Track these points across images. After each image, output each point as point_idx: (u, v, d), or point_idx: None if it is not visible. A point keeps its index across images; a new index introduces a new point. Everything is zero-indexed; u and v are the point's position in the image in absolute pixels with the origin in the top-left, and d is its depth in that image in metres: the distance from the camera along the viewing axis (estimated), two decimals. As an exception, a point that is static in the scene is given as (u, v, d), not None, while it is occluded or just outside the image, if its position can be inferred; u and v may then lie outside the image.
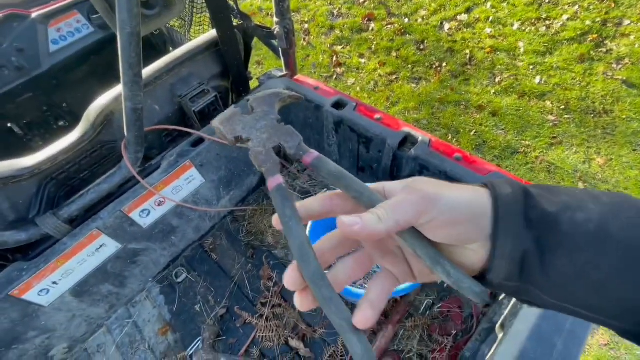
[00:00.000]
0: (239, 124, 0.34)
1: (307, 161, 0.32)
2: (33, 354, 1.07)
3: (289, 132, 0.34)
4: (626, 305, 0.25)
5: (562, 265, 0.26)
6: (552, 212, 0.26)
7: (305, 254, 0.28)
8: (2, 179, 0.95)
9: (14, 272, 0.95)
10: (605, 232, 0.25)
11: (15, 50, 1.62)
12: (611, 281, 0.25)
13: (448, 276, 0.27)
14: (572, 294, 0.26)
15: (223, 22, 1.18)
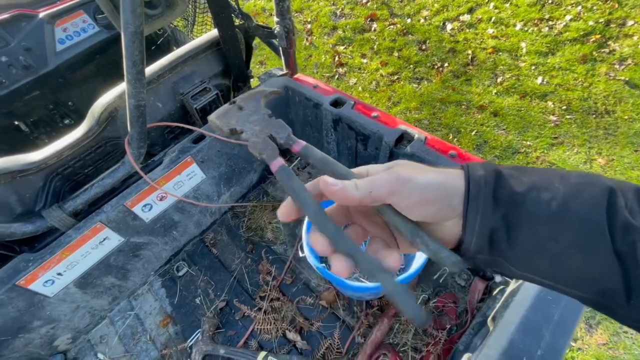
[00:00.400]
0: (233, 117, 0.38)
1: (296, 150, 0.35)
2: (38, 343, 1.11)
3: (279, 125, 0.37)
4: (582, 275, 0.27)
5: (525, 240, 0.28)
6: (520, 191, 0.28)
7: (321, 219, 0.31)
8: (10, 173, 0.99)
9: (21, 262, 0.99)
10: (565, 209, 0.27)
11: (23, 49, 1.66)
12: (568, 253, 0.27)
13: (426, 247, 0.30)
14: (535, 265, 0.29)
15: (224, 21, 1.21)
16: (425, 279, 1.19)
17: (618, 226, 0.26)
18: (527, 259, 0.29)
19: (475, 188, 0.29)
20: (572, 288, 0.28)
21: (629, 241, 0.25)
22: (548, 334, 0.68)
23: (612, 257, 0.26)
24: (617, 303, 0.27)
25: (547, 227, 0.27)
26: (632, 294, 0.25)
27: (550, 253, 0.27)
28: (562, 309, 0.71)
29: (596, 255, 0.26)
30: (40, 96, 1.83)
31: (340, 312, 1.15)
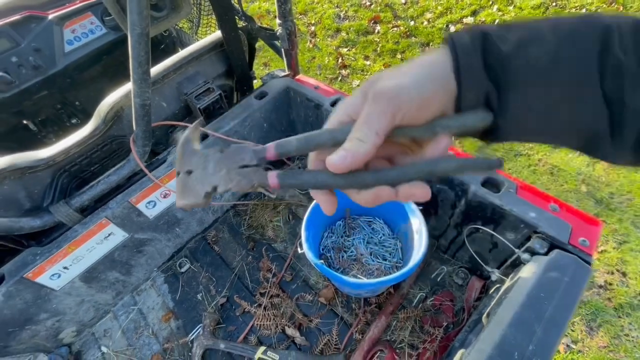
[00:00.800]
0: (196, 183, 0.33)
1: (270, 155, 0.32)
2: (44, 335, 1.14)
3: (236, 151, 0.33)
4: (571, 126, 0.27)
5: (514, 102, 0.27)
6: (507, 52, 0.27)
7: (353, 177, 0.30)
8: (20, 169, 1.02)
9: (29, 256, 1.02)
10: (557, 63, 0.26)
11: (33, 50, 1.70)
12: (558, 108, 0.27)
13: (450, 128, 0.29)
14: (525, 126, 0.29)
15: (228, 23, 1.24)
16: (423, 277, 1.20)
17: (609, 68, 0.25)
18: (517, 121, 0.28)
19: (464, 56, 0.28)
20: (562, 140, 0.29)
21: (618, 82, 0.25)
22: (540, 330, 0.69)
23: (601, 101, 0.25)
24: (603, 144, 0.27)
25: (537, 84, 0.27)
26: (615, 133, 0.26)
27: (541, 110, 0.27)
28: (555, 306, 0.72)
29: (585, 101, 0.26)
30: (48, 96, 1.88)
31: (338, 309, 1.17)
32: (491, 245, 1.02)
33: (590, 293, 1.82)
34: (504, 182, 0.92)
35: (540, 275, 0.76)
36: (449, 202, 1.07)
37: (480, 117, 0.28)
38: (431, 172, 0.29)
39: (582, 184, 2.17)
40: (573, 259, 0.77)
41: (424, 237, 0.94)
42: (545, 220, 0.84)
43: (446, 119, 0.29)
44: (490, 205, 0.92)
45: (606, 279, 1.84)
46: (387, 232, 1.23)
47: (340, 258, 1.18)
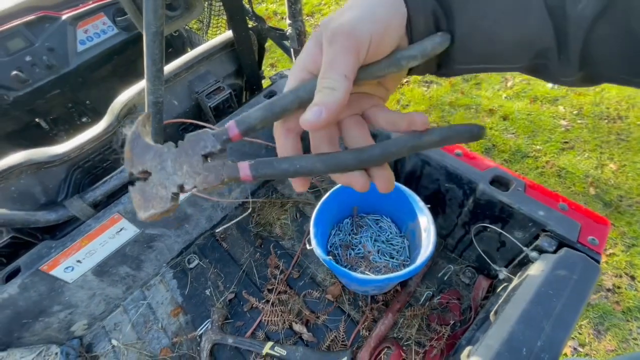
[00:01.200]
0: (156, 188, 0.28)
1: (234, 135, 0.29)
2: (56, 327, 1.16)
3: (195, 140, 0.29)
4: (517, 43, 0.27)
5: (459, 25, 0.27)
6: None
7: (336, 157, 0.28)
8: (36, 164, 1.05)
9: (44, 249, 1.04)
10: None
11: (47, 49, 1.74)
12: (500, 27, 0.26)
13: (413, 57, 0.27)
14: (472, 51, 0.28)
15: (239, 23, 1.26)
16: (430, 275, 1.21)
17: None
18: (463, 47, 0.28)
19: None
20: (509, 62, 0.28)
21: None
22: (548, 327, 0.69)
23: (544, 14, 0.25)
24: (551, 62, 0.27)
25: (477, 2, 0.26)
26: (562, 48, 0.26)
27: (485, 31, 0.27)
28: (563, 304, 0.72)
29: (529, 16, 0.25)
30: (60, 94, 1.91)
31: (345, 306, 1.18)
32: (499, 244, 1.02)
33: (597, 296, 1.80)
34: (513, 181, 0.93)
35: (549, 273, 0.76)
36: (456, 201, 1.07)
37: (439, 40, 0.27)
38: (415, 146, 0.28)
39: (591, 187, 2.16)
40: (582, 257, 0.77)
41: (432, 235, 0.94)
42: (554, 218, 0.84)
43: (407, 49, 0.27)
44: (499, 204, 0.92)
45: (614, 282, 1.83)
46: (394, 230, 1.24)
47: (347, 255, 1.19)
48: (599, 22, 0.24)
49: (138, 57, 2.19)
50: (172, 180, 0.28)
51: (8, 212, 0.95)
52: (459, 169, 1.00)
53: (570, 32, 0.25)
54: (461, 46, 0.28)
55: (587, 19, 0.24)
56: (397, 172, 1.22)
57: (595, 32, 0.24)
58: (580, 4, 0.24)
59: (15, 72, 1.64)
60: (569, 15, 0.24)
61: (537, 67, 0.28)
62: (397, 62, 0.27)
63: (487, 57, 0.28)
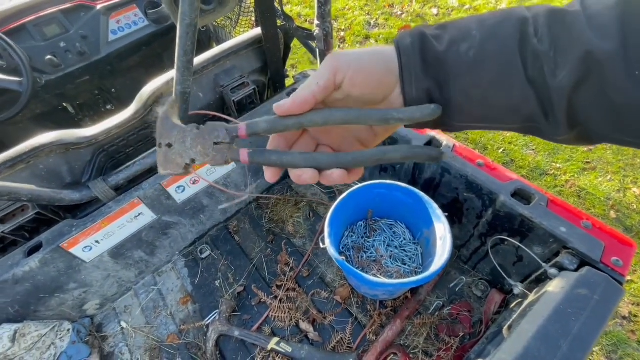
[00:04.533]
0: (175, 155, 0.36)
1: (242, 134, 0.35)
2: (70, 304, 1.19)
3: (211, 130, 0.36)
4: (506, 109, 0.30)
5: (454, 94, 0.31)
6: (442, 50, 0.31)
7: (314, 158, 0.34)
8: (65, 145, 1.08)
9: (66, 227, 1.07)
10: (482, 54, 0.29)
11: (80, 37, 1.80)
12: (490, 94, 0.30)
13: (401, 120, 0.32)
14: (468, 113, 0.32)
15: (268, 21, 1.28)
16: (441, 285, 1.19)
17: (529, 55, 0.28)
18: (460, 111, 0.32)
19: (405, 56, 0.31)
20: (503, 123, 0.32)
21: (538, 67, 0.27)
22: (565, 346, 0.67)
23: (526, 85, 0.28)
24: (540, 124, 0.30)
25: (468, 76, 0.30)
26: (548, 113, 0.28)
27: (476, 99, 0.30)
28: (583, 323, 0.70)
29: (513, 87, 0.29)
30: (89, 81, 1.97)
31: (353, 309, 1.17)
32: (516, 259, 1.00)
33: (612, 323, 1.74)
34: (535, 195, 0.91)
35: (569, 291, 0.74)
36: (475, 212, 1.06)
37: (430, 110, 0.31)
38: (380, 159, 0.34)
39: (612, 210, 2.10)
40: (604, 277, 0.75)
41: (448, 243, 0.93)
42: (577, 236, 0.82)
43: (396, 110, 0.32)
44: (519, 217, 0.90)
45: (631, 310, 1.77)
46: (408, 236, 1.23)
47: (359, 258, 1.19)
48: (579, 91, 0.26)
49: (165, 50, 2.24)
50: (187, 154, 0.36)
51: (36, 189, 0.98)
52: (480, 179, 0.98)
53: (553, 99, 0.27)
54: (458, 110, 0.32)
55: (566, 88, 0.26)
56: (414, 179, 1.22)
57: (577, 98, 0.26)
58: (558, 77, 0.26)
59: (50, 57, 1.70)
60: (549, 85, 0.27)
61: (531, 128, 0.31)
62: (385, 119, 0.33)
63: (482, 118, 0.32)
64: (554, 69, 0.27)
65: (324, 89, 0.32)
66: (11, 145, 1.02)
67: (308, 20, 3.93)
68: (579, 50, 0.25)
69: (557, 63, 0.26)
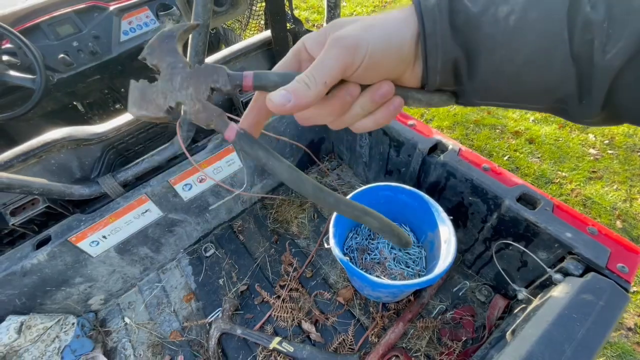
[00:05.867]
0: (157, 95, 0.29)
1: (248, 85, 0.30)
2: (76, 298, 1.20)
3: (211, 71, 0.30)
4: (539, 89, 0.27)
5: (483, 67, 0.27)
6: (476, 12, 0.26)
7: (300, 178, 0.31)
8: (76, 140, 1.10)
9: (74, 221, 1.09)
10: (525, 23, 0.25)
11: (92, 36, 1.84)
12: (525, 71, 0.26)
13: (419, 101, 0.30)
14: (494, 92, 0.28)
15: (278, 24, 1.30)
16: (445, 289, 1.19)
17: (578, 26, 0.24)
18: (485, 88, 0.28)
19: (430, 22, 0.26)
20: (529, 103, 0.28)
21: (587, 39, 0.24)
22: (570, 351, 0.67)
23: (569, 62, 0.25)
24: (570, 106, 0.27)
25: (504, 48, 0.26)
26: (584, 95, 0.25)
27: (508, 76, 0.27)
28: (588, 329, 0.70)
29: (553, 64, 0.25)
30: (99, 80, 2.01)
31: (356, 310, 1.17)
32: (520, 264, 1.00)
33: (617, 334, 1.72)
34: (541, 200, 0.91)
35: (574, 296, 0.74)
36: (479, 216, 1.06)
37: (446, 98, 0.30)
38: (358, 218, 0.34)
39: (617, 220, 2.08)
40: (610, 283, 0.75)
41: (453, 246, 0.93)
42: (582, 241, 0.82)
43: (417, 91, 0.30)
44: (524, 222, 0.90)
45: (636, 321, 1.74)
46: (413, 239, 1.23)
47: (363, 260, 1.19)
48: (626, 70, 0.23)
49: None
50: (173, 95, 0.28)
51: (47, 183, 1.00)
52: (485, 183, 0.99)
53: (595, 79, 0.24)
54: (483, 85, 0.28)
55: (615, 68, 0.23)
56: (420, 182, 1.22)
57: (621, 79, 0.24)
58: (607, 54, 0.23)
59: (62, 56, 1.74)
60: (596, 63, 0.24)
61: (557, 109, 0.28)
62: (404, 97, 0.30)
63: (508, 97, 0.29)
64: (604, 44, 0.23)
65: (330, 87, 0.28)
66: (22, 142, 1.05)
67: (316, 25, 3.97)
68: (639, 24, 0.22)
69: (609, 36, 0.23)
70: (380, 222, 0.33)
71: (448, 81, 0.29)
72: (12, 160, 1.00)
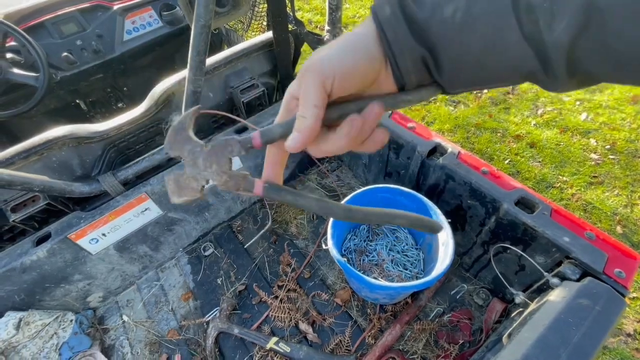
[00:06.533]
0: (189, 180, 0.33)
1: (257, 144, 0.33)
2: (74, 295, 1.21)
3: (223, 145, 0.33)
4: (504, 68, 0.29)
5: (447, 60, 0.29)
6: (425, 17, 0.29)
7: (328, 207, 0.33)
8: (77, 138, 1.11)
9: (74, 219, 1.10)
10: (471, 17, 0.27)
11: (96, 35, 1.85)
12: (484, 56, 0.28)
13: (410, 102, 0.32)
14: (463, 79, 0.30)
15: (280, 25, 1.31)
16: (442, 292, 1.19)
17: (522, 10, 0.26)
18: (454, 77, 0.30)
19: (390, 30, 0.29)
20: (502, 81, 0.30)
21: (533, 20, 0.25)
22: (565, 355, 0.67)
23: (523, 43, 0.26)
24: (540, 78, 0.28)
25: (457, 42, 0.28)
26: (547, 67, 0.27)
27: (470, 64, 0.29)
28: (583, 333, 0.70)
29: (508, 47, 0.27)
30: (102, 79, 2.02)
31: (353, 312, 1.17)
32: (518, 267, 1.00)
33: (616, 340, 1.71)
34: (539, 204, 0.91)
35: (570, 300, 0.74)
36: (478, 219, 1.06)
37: (433, 90, 0.32)
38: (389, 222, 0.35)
39: (618, 225, 2.07)
40: (607, 288, 0.75)
41: (450, 249, 0.94)
42: (580, 246, 0.82)
43: (405, 93, 0.32)
44: (522, 225, 0.91)
45: (636, 327, 1.73)
46: (410, 242, 1.23)
47: (361, 261, 1.19)
48: (577, 43, 0.25)
49: (177, 51, 2.29)
50: (202, 175, 0.33)
51: (48, 180, 1.01)
52: (484, 187, 0.99)
53: (551, 55, 0.26)
54: (452, 76, 0.31)
55: (564, 43, 0.25)
56: (419, 184, 1.22)
57: (576, 51, 0.25)
58: (555, 31, 0.25)
59: (66, 54, 1.75)
60: (546, 41, 0.25)
61: (531, 80, 0.30)
62: (395, 103, 0.32)
63: (479, 81, 0.31)
64: (550, 22, 0.25)
65: (322, 109, 0.30)
66: (25, 139, 1.06)
67: (318, 27, 3.98)
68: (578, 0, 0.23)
69: (553, 14, 0.25)
70: (409, 219, 0.34)
71: (424, 77, 0.31)
72: (14, 157, 1.01)
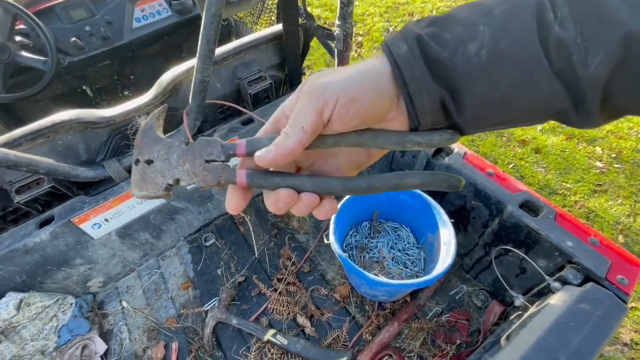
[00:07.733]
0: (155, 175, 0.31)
1: (241, 152, 0.31)
2: (75, 279, 1.21)
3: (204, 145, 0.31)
4: (532, 108, 0.27)
5: (469, 101, 0.27)
6: (446, 57, 0.26)
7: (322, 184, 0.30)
8: (84, 123, 1.11)
9: (78, 203, 1.10)
10: (497, 54, 0.25)
11: (105, 22, 1.85)
12: (513, 95, 0.26)
13: (419, 144, 0.29)
14: (487, 119, 0.28)
15: (290, 18, 1.30)
16: (442, 292, 1.19)
17: (552, 46, 0.24)
18: (477, 117, 0.28)
19: (407, 69, 0.27)
20: (528, 122, 0.29)
21: (565, 56, 0.24)
22: (564, 359, 0.67)
23: (554, 80, 0.25)
24: (569, 116, 0.27)
25: (485, 81, 0.26)
26: (579, 105, 0.26)
27: (497, 103, 0.27)
28: (583, 338, 0.70)
29: (539, 85, 0.25)
30: (109, 66, 2.02)
31: (352, 308, 1.17)
32: (519, 270, 1.00)
33: (613, 349, 1.71)
34: (544, 207, 0.91)
35: (571, 305, 0.74)
36: (481, 220, 1.06)
37: (447, 137, 0.29)
38: (397, 185, 0.30)
39: (620, 234, 2.07)
40: (608, 294, 0.74)
41: (452, 248, 0.93)
42: (583, 251, 0.82)
43: (415, 134, 0.29)
44: (526, 228, 0.90)
45: (633, 337, 1.73)
46: (412, 240, 1.23)
47: (362, 258, 1.19)
48: (614, 77, 0.23)
49: (185, 40, 2.29)
50: (171, 173, 0.30)
51: (54, 163, 1.01)
52: (489, 188, 0.98)
53: (585, 90, 0.24)
54: (475, 116, 0.28)
55: (602, 77, 0.23)
56: (423, 183, 1.22)
57: (613, 85, 0.24)
58: (590, 67, 0.23)
59: (74, 39, 1.75)
60: (581, 76, 0.24)
61: (559, 120, 0.28)
62: (402, 143, 0.29)
63: (504, 121, 0.29)
64: (584, 57, 0.23)
65: (311, 134, 0.27)
66: (30, 122, 1.06)
67: (327, 23, 3.96)
68: (616, 32, 0.22)
69: (587, 50, 0.23)
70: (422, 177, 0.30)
71: (439, 119, 0.29)
72: (21, 138, 1.01)
